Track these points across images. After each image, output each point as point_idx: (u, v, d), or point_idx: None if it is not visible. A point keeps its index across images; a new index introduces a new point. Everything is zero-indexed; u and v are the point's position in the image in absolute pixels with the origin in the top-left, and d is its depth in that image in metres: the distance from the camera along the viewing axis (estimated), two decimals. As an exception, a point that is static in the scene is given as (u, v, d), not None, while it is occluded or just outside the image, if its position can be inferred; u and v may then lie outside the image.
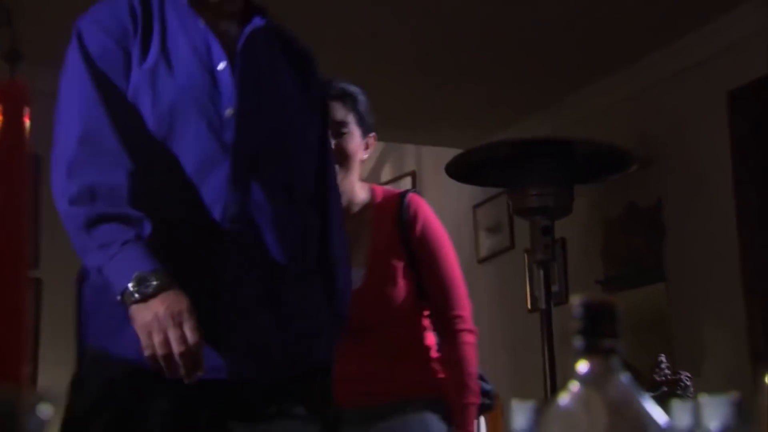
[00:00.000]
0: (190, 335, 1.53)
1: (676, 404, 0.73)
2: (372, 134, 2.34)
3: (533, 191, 4.06)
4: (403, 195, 2.33)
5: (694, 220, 3.94)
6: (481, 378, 2.33)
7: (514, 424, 0.76)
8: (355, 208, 2.31)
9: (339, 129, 2.26)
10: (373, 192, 2.35)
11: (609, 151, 3.78)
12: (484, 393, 2.32)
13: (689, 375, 2.34)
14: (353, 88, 2.34)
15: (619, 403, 0.66)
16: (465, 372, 2.24)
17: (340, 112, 2.28)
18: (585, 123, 4.40)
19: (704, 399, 0.70)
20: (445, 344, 2.28)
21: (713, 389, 0.77)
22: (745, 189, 3.65)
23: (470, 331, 2.28)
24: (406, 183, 6.10)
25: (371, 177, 6.45)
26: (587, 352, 0.67)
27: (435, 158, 5.35)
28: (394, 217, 2.30)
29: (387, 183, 6.28)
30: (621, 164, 3.80)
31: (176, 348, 1.52)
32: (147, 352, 1.53)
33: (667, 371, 2.28)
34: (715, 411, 0.70)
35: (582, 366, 0.67)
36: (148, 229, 1.59)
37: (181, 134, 1.65)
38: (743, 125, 3.70)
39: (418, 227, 2.29)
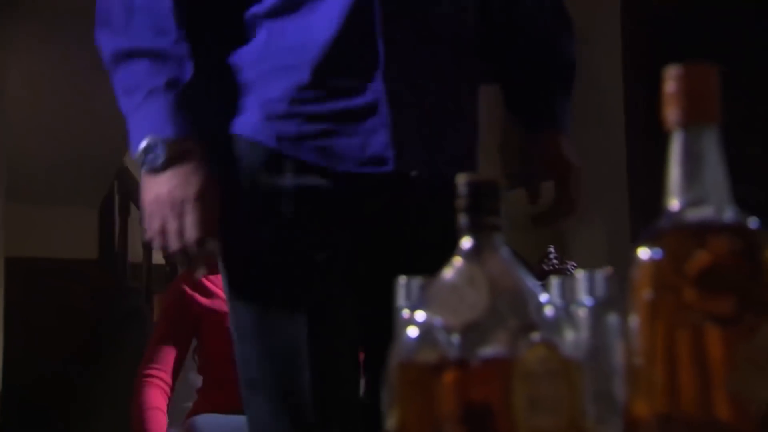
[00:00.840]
0: (190, 231, 1.28)
1: (554, 280, 0.77)
2: None
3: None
4: None
5: (586, 114, 4.03)
6: None
7: (399, 300, 0.79)
8: None
9: None
10: None
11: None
12: None
13: (575, 264, 2.44)
14: None
15: (501, 278, 0.69)
16: None
17: None
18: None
19: (580, 274, 0.74)
20: None
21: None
22: (634, 85, 3.76)
23: None
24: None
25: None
26: (470, 229, 0.70)
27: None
28: None
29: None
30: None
31: (172, 243, 1.29)
32: (146, 235, 1.31)
33: (555, 261, 2.39)
34: (590, 285, 0.74)
35: (465, 242, 0.69)
36: (189, 71, 1.30)
37: None
38: (635, 22, 3.79)
39: None
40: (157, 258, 5.46)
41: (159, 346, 2.65)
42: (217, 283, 2.74)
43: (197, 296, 2.68)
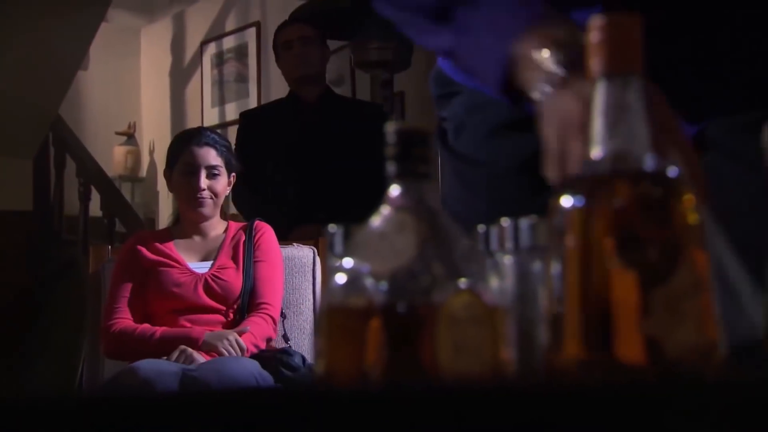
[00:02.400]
0: None
1: (479, 228, 0.78)
2: (233, 174, 2.92)
3: (374, 45, 4.08)
4: (252, 221, 2.94)
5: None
6: (287, 352, 2.68)
7: (334, 248, 0.80)
8: (213, 233, 2.90)
9: (212, 171, 2.84)
10: (228, 225, 2.94)
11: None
12: (291, 367, 2.64)
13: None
14: (223, 139, 2.94)
15: (429, 225, 0.70)
16: (253, 334, 2.70)
17: (215, 158, 2.85)
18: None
19: (505, 222, 0.75)
20: (249, 317, 2.76)
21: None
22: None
23: (272, 316, 2.77)
24: (251, 34, 6.01)
25: (215, 28, 6.31)
26: (400, 177, 0.70)
27: (280, 9, 5.28)
28: (244, 231, 2.89)
29: (230, 33, 6.17)
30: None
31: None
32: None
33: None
34: (515, 234, 0.75)
35: (394, 189, 0.70)
36: None
37: None
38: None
39: (257, 237, 2.87)
40: (94, 210, 5.41)
41: (115, 297, 2.76)
42: (167, 244, 2.81)
43: (144, 251, 2.78)
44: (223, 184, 2.89)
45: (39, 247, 5.36)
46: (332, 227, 0.80)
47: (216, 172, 2.86)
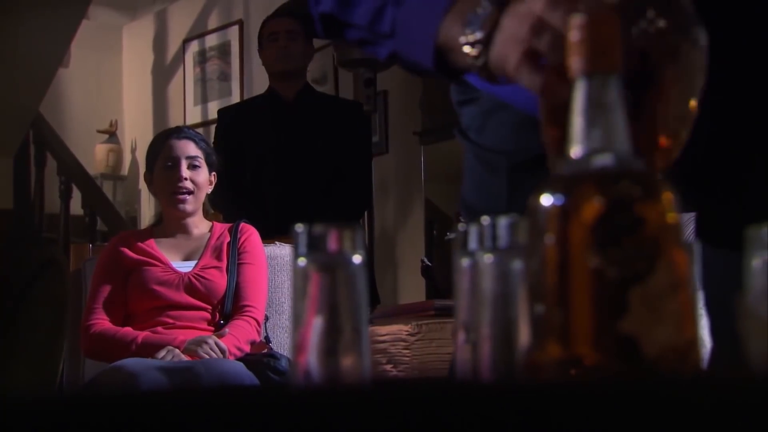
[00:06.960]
0: None
1: (460, 227, 0.77)
2: (214, 172, 2.92)
3: (357, 43, 4.07)
4: (237, 222, 2.94)
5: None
6: (273, 356, 2.69)
7: (298, 248, 0.80)
8: (196, 232, 2.90)
9: (192, 162, 2.85)
10: (213, 225, 2.94)
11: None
12: (278, 372, 2.64)
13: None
14: (202, 136, 2.98)
15: None
16: (235, 336, 2.69)
17: (194, 150, 2.87)
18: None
19: (485, 220, 0.75)
20: (232, 320, 2.75)
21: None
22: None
23: (255, 319, 2.76)
24: (233, 32, 5.99)
25: (197, 26, 6.29)
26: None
27: (263, 7, 5.27)
28: (229, 232, 2.89)
29: (213, 32, 6.15)
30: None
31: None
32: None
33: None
34: (494, 232, 0.75)
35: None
36: None
37: None
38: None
39: (243, 238, 2.87)
40: (75, 208, 5.39)
41: (97, 296, 2.76)
42: (149, 244, 2.80)
43: (127, 251, 2.78)
44: (204, 177, 2.89)
45: (19, 245, 5.33)
46: (299, 227, 0.79)
47: (196, 163, 2.87)
